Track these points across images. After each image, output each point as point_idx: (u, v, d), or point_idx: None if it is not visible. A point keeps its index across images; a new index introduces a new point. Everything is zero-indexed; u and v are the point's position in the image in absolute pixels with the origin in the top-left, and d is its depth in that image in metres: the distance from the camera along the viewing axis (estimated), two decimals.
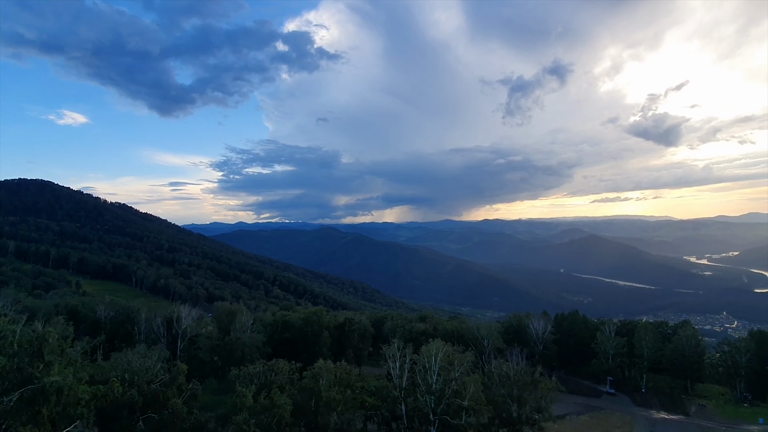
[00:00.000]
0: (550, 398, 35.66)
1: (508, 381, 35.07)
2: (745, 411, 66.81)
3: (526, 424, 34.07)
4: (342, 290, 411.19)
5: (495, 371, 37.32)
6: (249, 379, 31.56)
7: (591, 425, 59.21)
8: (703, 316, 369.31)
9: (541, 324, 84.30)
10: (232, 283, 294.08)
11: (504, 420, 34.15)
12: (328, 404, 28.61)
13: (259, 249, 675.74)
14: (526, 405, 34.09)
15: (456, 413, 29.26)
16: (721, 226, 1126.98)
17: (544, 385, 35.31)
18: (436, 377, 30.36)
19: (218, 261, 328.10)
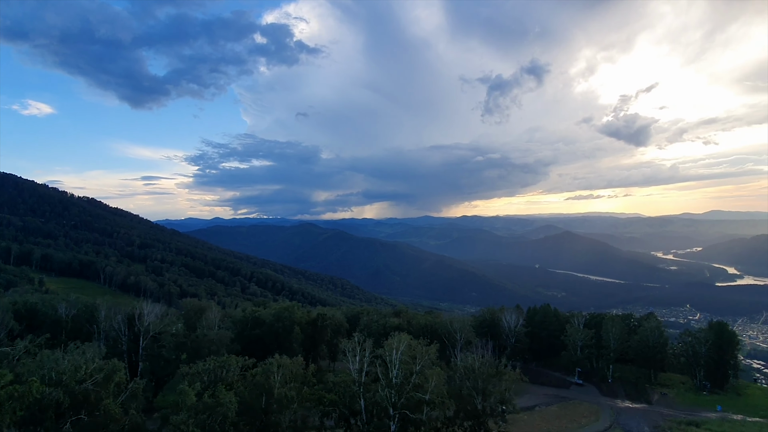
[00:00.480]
0: (514, 390, 35.69)
1: (473, 373, 34.94)
2: (704, 399, 69.71)
3: (491, 416, 34.01)
4: (321, 286, 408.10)
5: (460, 364, 37.13)
6: (197, 377, 30.01)
7: (559, 415, 60.36)
8: (669, 309, 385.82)
9: (513, 318, 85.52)
10: (207, 279, 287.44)
11: (468, 413, 34.00)
12: (281, 401, 27.49)
13: (237, 245, 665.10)
14: (490, 397, 34.05)
15: (417, 407, 28.74)
16: (685, 223, 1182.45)
17: (508, 377, 35.34)
18: (396, 371, 29.76)
19: (193, 257, 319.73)
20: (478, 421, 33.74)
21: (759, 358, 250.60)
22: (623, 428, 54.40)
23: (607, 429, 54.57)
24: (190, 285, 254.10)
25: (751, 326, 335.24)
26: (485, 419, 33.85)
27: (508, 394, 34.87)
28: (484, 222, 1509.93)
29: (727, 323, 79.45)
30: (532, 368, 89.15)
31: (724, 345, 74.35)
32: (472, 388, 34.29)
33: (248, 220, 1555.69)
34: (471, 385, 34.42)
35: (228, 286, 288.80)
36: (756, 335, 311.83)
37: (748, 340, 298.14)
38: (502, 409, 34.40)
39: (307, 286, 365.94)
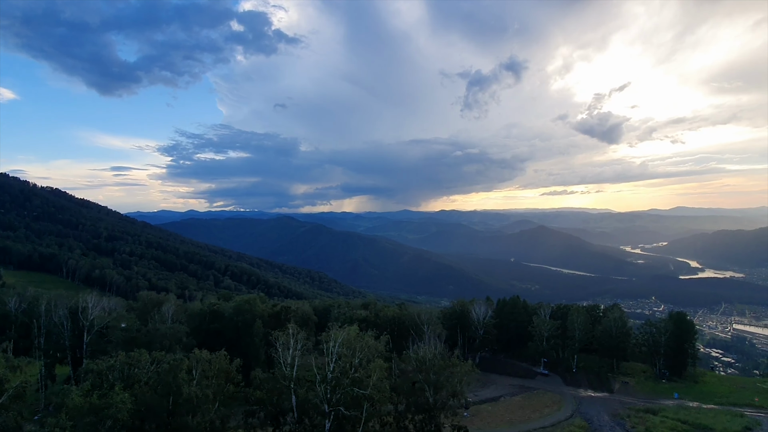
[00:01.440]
0: (466, 382, 34.58)
1: (424, 366, 33.62)
2: (663, 387, 71.50)
3: (442, 409, 32.81)
4: (298, 280, 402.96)
5: (412, 356, 35.77)
6: (101, 375, 27.20)
7: (523, 405, 60.42)
8: (635, 301, 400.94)
9: (483, 310, 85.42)
10: (179, 273, 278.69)
11: (419, 406, 32.69)
12: (190, 402, 25.15)
13: (212, 238, 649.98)
14: (442, 390, 32.82)
15: (356, 403, 27.02)
16: (653, 218, 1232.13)
17: (461, 369, 34.20)
18: (333, 365, 27.88)
19: (164, 250, 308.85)
20: (429, 415, 32.47)
21: (717, 347, 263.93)
22: (584, 417, 54.77)
23: (568, 418, 54.83)
24: (160, 279, 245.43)
25: (710, 317, 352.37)
26: (436, 413, 32.61)
27: (460, 386, 33.66)
28: (462, 216, 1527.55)
29: (685, 314, 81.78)
30: (500, 359, 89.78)
31: (683, 334, 76.46)
32: (424, 380, 32.96)
33: (224, 213, 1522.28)
34: (423, 377, 33.08)
35: (201, 279, 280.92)
36: (715, 325, 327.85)
37: (707, 330, 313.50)
38: (451, 402, 33.06)
39: (283, 280, 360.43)
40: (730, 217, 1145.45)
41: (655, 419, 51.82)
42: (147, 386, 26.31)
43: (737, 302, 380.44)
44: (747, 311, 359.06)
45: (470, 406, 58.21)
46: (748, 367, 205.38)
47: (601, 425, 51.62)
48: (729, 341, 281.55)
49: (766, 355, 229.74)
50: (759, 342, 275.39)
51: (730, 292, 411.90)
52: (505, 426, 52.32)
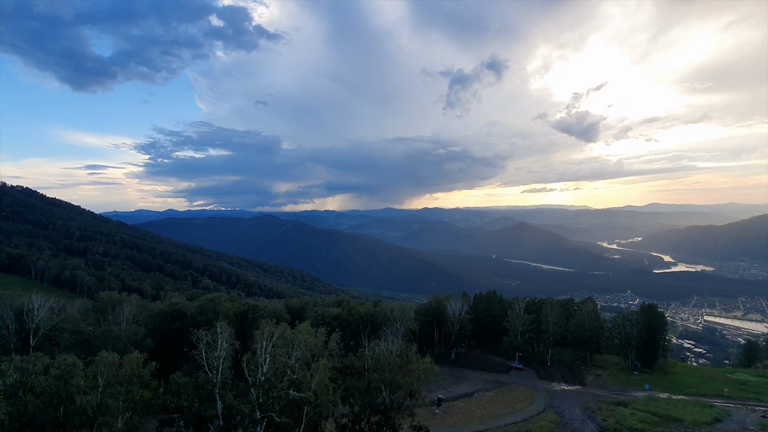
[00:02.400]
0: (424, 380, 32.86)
1: (379, 364, 31.76)
2: (634, 378, 71.90)
3: (398, 410, 31.02)
4: (280, 279, 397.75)
5: (368, 354, 33.86)
6: None
7: (496, 401, 59.50)
8: (612, 295, 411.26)
9: (458, 305, 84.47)
10: (155, 273, 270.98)
11: (374, 408, 30.80)
12: (84, 412, 22.59)
13: (192, 238, 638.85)
14: (399, 390, 31.06)
15: (294, 407, 24.79)
16: (628, 214, 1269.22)
17: (418, 367, 32.47)
18: (267, 366, 25.58)
19: (139, 250, 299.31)
20: (385, 417, 30.65)
21: (690, 338, 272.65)
22: (556, 411, 54.17)
23: (540, 413, 54.13)
24: (134, 279, 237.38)
25: (683, 309, 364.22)
26: (392, 414, 30.81)
27: (417, 385, 31.92)
28: (444, 214, 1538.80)
29: (657, 306, 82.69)
30: (476, 354, 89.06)
31: (654, 326, 77.15)
32: (380, 380, 31.09)
33: (204, 212, 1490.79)
34: (379, 377, 31.21)
35: (178, 280, 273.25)
36: (687, 317, 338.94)
37: (680, 322, 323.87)
38: (408, 403, 31.25)
39: (264, 279, 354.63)
40: (701, 213, 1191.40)
41: (625, 411, 51.59)
42: (32, 395, 23.38)
43: (708, 295, 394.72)
44: (717, 303, 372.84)
45: (443, 403, 56.96)
46: (718, 357, 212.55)
47: (572, 419, 51.05)
48: (700, 332, 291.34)
49: (736, 346, 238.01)
50: (729, 333, 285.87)
51: (702, 285, 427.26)
52: (476, 423, 51.16)
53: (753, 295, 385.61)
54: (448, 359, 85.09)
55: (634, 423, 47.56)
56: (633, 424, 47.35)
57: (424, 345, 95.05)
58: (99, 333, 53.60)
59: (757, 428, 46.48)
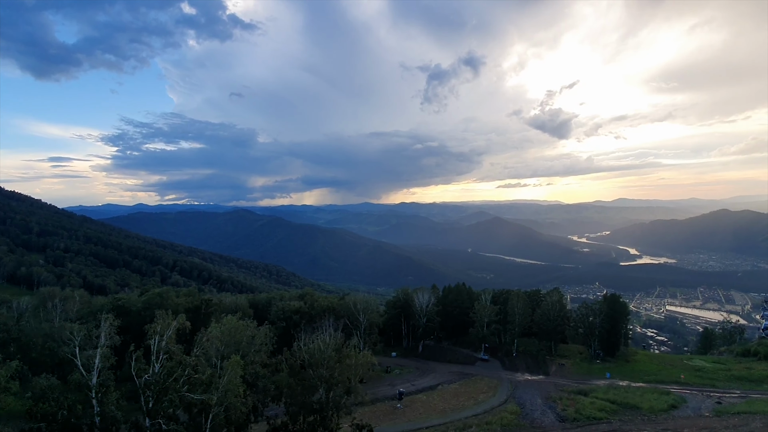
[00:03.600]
0: (363, 376, 30.73)
1: (313, 359, 29.37)
2: (596, 367, 72.60)
3: (336, 409, 28.79)
4: (255, 274, 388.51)
5: (303, 348, 31.33)
6: None
7: (459, 393, 58.40)
8: (581, 287, 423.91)
9: (426, 297, 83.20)
10: (121, 270, 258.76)
11: (307, 407, 28.41)
12: None
13: (162, 233, 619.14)
14: (336, 387, 28.78)
15: (194, 411, 22.01)
16: (597, 209, 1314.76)
17: (355, 361, 30.23)
18: (159, 365, 22.65)
19: (104, 246, 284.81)
20: (321, 416, 28.35)
21: (653, 327, 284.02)
22: (518, 402, 53.47)
23: (502, 404, 53.29)
24: (97, 276, 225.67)
25: (647, 299, 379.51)
26: (328, 413, 28.53)
27: (355, 382, 29.70)
28: (421, 209, 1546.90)
29: (619, 296, 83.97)
30: (444, 347, 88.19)
31: (617, 315, 78.19)
32: (316, 377, 28.70)
33: (176, 206, 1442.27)
34: (314, 373, 28.82)
35: (146, 276, 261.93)
36: (650, 307, 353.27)
37: (644, 311, 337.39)
38: (344, 400, 28.98)
39: (238, 275, 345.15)
40: (665, 208, 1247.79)
41: (585, 400, 51.40)
42: None
43: (670, 286, 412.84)
44: (678, 294, 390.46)
45: (404, 397, 55.33)
46: (679, 344, 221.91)
47: (533, 409, 50.39)
48: (663, 321, 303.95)
49: (695, 334, 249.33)
50: (688, 321, 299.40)
51: (664, 277, 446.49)
52: (437, 416, 49.74)
53: (711, 285, 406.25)
54: (416, 352, 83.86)
55: (593, 412, 47.27)
56: (592, 413, 47.05)
57: (393, 338, 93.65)
58: (28, 332, 48.86)
59: (711, 414, 47.02)
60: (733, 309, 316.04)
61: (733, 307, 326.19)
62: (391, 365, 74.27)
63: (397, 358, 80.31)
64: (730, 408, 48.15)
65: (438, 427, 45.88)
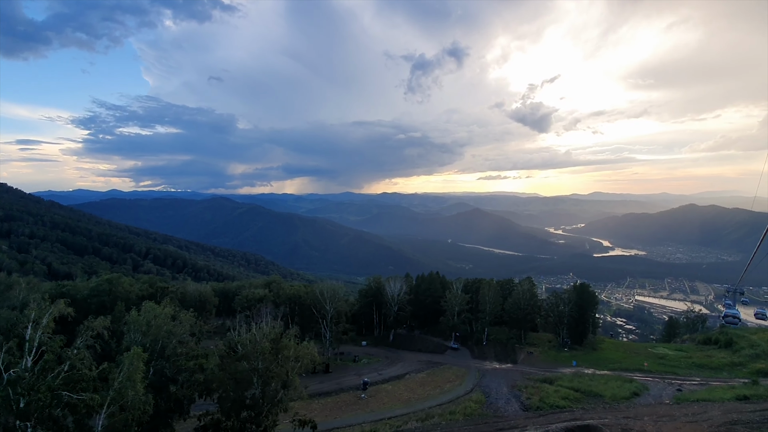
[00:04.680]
0: (302, 368, 28.43)
1: (247, 350, 26.92)
2: (564, 355, 73.01)
3: (272, 404, 26.55)
4: (232, 263, 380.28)
5: (237, 339, 28.76)
6: None
7: (425, 382, 57.39)
8: (556, 277, 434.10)
9: (397, 285, 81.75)
10: (90, 257, 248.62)
11: (238, 403, 26.08)
12: None
13: (136, 220, 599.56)
14: (273, 380, 26.53)
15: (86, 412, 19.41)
16: (573, 202, 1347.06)
17: (293, 353, 27.97)
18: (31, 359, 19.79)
19: (73, 232, 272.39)
20: (255, 412, 26.15)
21: (622, 316, 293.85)
22: (483, 390, 52.78)
23: (468, 392, 52.50)
24: (64, 263, 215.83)
25: (617, 290, 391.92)
26: (264, 409, 26.31)
27: (292, 374, 27.48)
28: (402, 199, 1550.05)
29: (588, 284, 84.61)
30: (415, 335, 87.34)
31: (585, 304, 78.72)
32: (251, 369, 26.38)
33: (152, 192, 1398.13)
34: (249, 365, 26.49)
35: (116, 264, 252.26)
36: (621, 297, 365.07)
37: (614, 301, 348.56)
38: (281, 394, 26.71)
39: (215, 263, 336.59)
40: (637, 201, 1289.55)
41: (550, 389, 51.09)
42: None
43: (640, 277, 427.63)
44: (647, 284, 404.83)
45: (369, 387, 53.88)
46: (646, 333, 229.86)
47: (498, 398, 49.73)
48: (632, 311, 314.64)
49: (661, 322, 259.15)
50: (655, 311, 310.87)
51: (635, 268, 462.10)
52: (401, 406, 48.49)
53: (677, 276, 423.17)
54: (387, 341, 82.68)
55: (556, 400, 46.89)
56: (555, 401, 46.66)
57: (364, 327, 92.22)
58: None
59: (672, 402, 47.33)
60: (697, 299, 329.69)
61: (697, 297, 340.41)
62: (360, 354, 72.80)
63: (367, 347, 78.92)
64: (690, 395, 48.64)
65: (400, 418, 44.61)
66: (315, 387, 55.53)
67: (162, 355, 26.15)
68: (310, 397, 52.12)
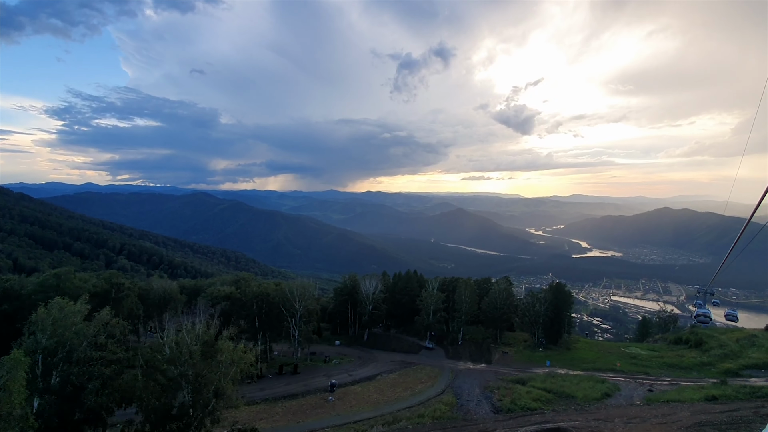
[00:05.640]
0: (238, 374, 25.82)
1: (174, 354, 24.26)
2: (538, 355, 72.43)
3: (204, 415, 24.04)
4: (212, 260, 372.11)
5: (165, 342, 25.98)
6: None
7: (397, 383, 55.55)
8: (535, 277, 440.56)
9: (373, 284, 79.80)
10: (60, 252, 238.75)
11: (163, 413, 23.34)
12: None
13: (112, 215, 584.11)
14: (205, 387, 23.94)
15: None
16: (554, 204, 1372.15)
17: (227, 357, 25.34)
18: None
19: (42, 226, 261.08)
20: (184, 423, 23.59)
21: (598, 316, 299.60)
22: (455, 392, 51.28)
23: (439, 394, 50.92)
24: (30, 258, 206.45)
25: (594, 290, 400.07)
26: (191, 420, 23.74)
27: (225, 381, 24.79)
28: (387, 198, 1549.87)
29: (564, 284, 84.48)
30: (390, 335, 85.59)
31: (561, 304, 78.45)
32: (180, 375, 23.76)
33: (130, 187, 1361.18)
34: (178, 371, 23.88)
35: (88, 260, 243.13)
36: (597, 297, 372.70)
37: (591, 301, 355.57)
38: (213, 403, 24.15)
39: (193, 260, 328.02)
40: (615, 204, 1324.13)
41: (522, 390, 49.98)
42: None
43: (615, 277, 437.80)
44: (622, 285, 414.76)
45: (337, 389, 51.72)
46: (620, 332, 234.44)
47: (469, 400, 48.30)
48: (607, 311, 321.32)
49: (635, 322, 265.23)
50: (630, 311, 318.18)
51: (611, 269, 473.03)
52: (369, 408, 46.49)
53: (651, 277, 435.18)
54: (361, 340, 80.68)
55: (528, 402, 45.73)
56: (527, 403, 45.49)
57: (339, 326, 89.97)
58: None
59: (642, 402, 46.82)
60: (669, 299, 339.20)
61: (670, 298, 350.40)
62: (332, 354, 70.57)
63: (341, 346, 76.72)
64: (660, 396, 48.28)
65: (367, 421, 42.60)
66: (281, 389, 53.11)
67: (69, 359, 23.27)
68: (273, 400, 49.90)
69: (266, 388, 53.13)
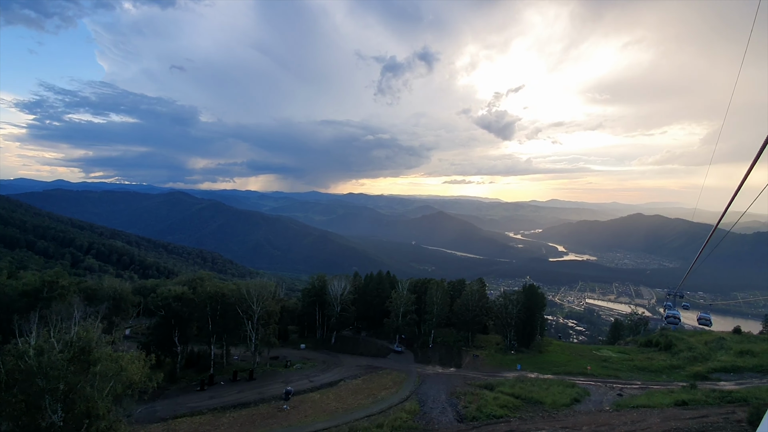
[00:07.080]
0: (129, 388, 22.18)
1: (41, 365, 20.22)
2: (509, 358, 70.41)
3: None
4: (187, 261, 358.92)
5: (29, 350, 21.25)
6: None
7: (359, 390, 52.20)
8: (513, 280, 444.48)
9: (341, 284, 76.29)
10: (22, 251, 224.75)
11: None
12: None
13: (84, 213, 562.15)
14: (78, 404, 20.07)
15: None
16: (532, 208, 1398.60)
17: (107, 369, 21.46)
18: None
19: (4, 223, 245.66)
20: None
21: (573, 318, 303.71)
22: (419, 399, 48.34)
23: (402, 401, 47.86)
24: None
25: (570, 293, 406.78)
26: None
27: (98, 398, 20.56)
28: (368, 200, 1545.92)
29: (537, 286, 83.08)
30: (359, 338, 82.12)
31: (533, 305, 76.92)
32: (48, 390, 19.67)
33: (103, 184, 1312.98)
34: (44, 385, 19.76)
35: (52, 259, 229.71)
36: (572, 300, 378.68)
37: (567, 304, 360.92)
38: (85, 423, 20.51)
39: (168, 261, 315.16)
40: (590, 209, 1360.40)
41: (489, 395, 47.48)
42: None
43: (590, 281, 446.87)
44: (597, 288, 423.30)
45: (292, 397, 47.99)
46: (594, 334, 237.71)
47: (433, 407, 45.44)
48: (582, 313, 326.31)
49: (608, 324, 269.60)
50: (604, 313, 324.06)
51: (586, 272, 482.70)
52: (325, 418, 43.02)
53: (624, 281, 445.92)
54: (328, 344, 76.93)
55: (494, 409, 43.19)
56: (493, 410, 42.94)
57: (307, 328, 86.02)
58: None
59: (611, 408, 45.02)
60: (641, 302, 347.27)
61: (641, 301, 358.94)
62: (296, 359, 66.65)
63: (306, 350, 72.84)
64: (630, 401, 46.64)
65: None
66: (232, 397, 48.99)
67: None
68: (222, 410, 45.78)
69: (216, 396, 48.93)
